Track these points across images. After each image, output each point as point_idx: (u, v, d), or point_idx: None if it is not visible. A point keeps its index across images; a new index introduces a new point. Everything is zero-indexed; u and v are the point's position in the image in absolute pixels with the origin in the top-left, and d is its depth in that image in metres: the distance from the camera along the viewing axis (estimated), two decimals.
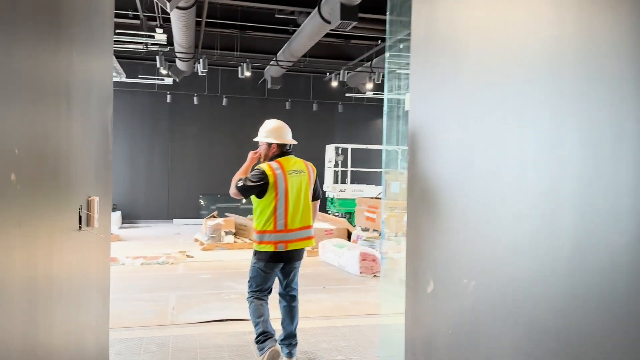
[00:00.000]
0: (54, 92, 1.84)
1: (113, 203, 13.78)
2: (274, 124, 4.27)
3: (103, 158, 2.63)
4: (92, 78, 2.38)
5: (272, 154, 4.17)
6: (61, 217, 1.94)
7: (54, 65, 1.84)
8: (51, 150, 1.81)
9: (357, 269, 7.71)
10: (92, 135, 2.39)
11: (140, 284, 7.08)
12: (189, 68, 11.45)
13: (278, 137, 4.18)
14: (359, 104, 14.93)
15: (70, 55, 2.01)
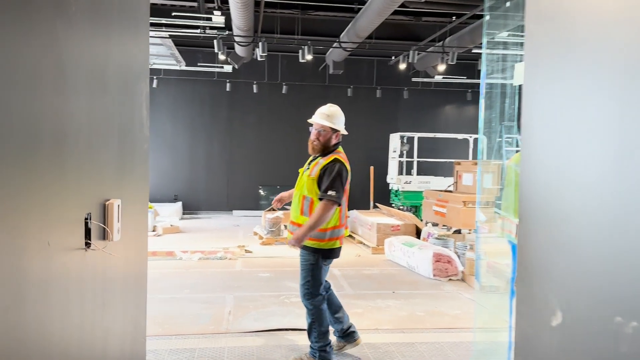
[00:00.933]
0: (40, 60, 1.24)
1: (174, 193, 13.64)
2: (340, 111, 4.00)
3: (131, 147, 2.05)
4: (107, 48, 1.78)
5: (333, 143, 3.90)
6: (56, 231, 1.36)
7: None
8: (44, 134, 1.23)
9: (430, 271, 6.94)
10: (112, 117, 1.80)
11: (197, 282, 6.65)
12: (248, 54, 10.97)
13: (343, 128, 3.96)
14: (426, 90, 13.99)
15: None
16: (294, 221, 3.88)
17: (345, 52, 10.17)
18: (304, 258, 3.85)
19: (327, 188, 3.60)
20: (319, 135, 3.84)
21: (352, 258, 8.45)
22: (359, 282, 6.76)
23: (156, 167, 13.71)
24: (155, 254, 8.22)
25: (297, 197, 3.85)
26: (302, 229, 3.65)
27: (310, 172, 3.76)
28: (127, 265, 2.01)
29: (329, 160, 3.74)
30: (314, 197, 3.69)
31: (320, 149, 3.84)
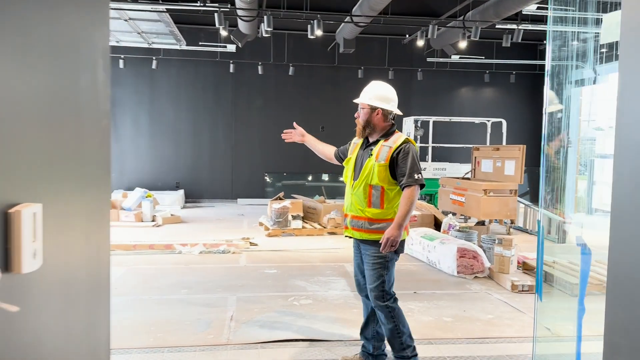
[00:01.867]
0: None
1: (175, 181, 13.00)
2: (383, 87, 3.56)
3: (73, 125, 1.37)
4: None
5: (388, 127, 3.45)
6: None
7: None
8: None
9: (454, 267, 6.27)
10: (29, 81, 1.11)
11: (196, 280, 6.02)
12: (252, 31, 10.23)
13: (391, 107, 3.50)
14: (442, 71, 13.21)
15: None
16: (361, 215, 3.37)
17: (357, 28, 9.41)
18: (374, 255, 3.35)
19: (410, 172, 3.24)
20: (360, 115, 3.45)
21: None
22: None
23: (157, 153, 13.06)
24: (152, 247, 7.61)
25: (360, 187, 3.37)
26: (395, 225, 3.21)
27: (377, 158, 3.31)
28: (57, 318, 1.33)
29: (400, 141, 3.33)
30: (385, 185, 3.29)
31: (361, 128, 3.45)
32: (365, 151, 3.43)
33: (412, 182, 3.21)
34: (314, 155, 4.13)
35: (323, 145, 4.02)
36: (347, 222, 3.48)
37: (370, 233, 3.34)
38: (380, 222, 3.30)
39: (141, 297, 5.34)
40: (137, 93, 12.91)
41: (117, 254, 7.25)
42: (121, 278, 6.04)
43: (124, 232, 8.98)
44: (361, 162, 3.42)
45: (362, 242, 3.43)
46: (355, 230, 3.41)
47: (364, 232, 3.36)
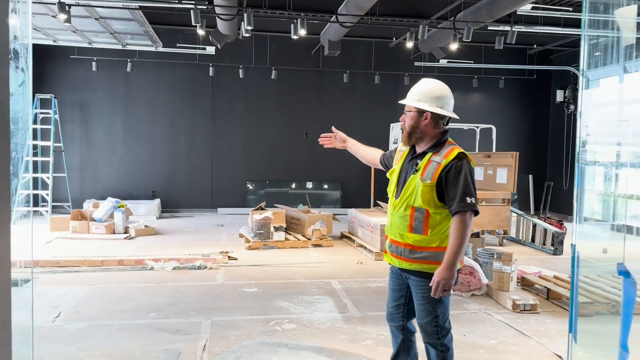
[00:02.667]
0: None
1: (152, 190, 12.37)
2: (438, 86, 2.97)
3: None
4: None
5: (439, 135, 2.89)
6: None
7: None
8: None
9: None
10: None
11: (167, 300, 5.43)
12: (232, 31, 9.69)
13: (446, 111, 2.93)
14: (429, 75, 12.74)
15: None
16: (400, 240, 2.92)
17: (342, 29, 8.94)
18: (422, 288, 2.87)
19: (462, 195, 2.71)
20: (406, 119, 2.92)
21: (353, 266, 7.29)
22: (365, 300, 5.59)
23: (132, 160, 12.42)
24: (122, 263, 7.00)
25: (401, 208, 2.89)
26: (446, 266, 2.70)
27: (423, 176, 2.80)
28: None
29: (452, 156, 2.77)
30: (431, 209, 2.80)
31: (406, 135, 2.92)
32: (411, 164, 2.90)
33: (464, 207, 2.69)
34: (298, 162, 3.63)
35: (367, 149, 3.44)
36: (387, 246, 3.02)
37: (411, 262, 2.85)
38: (423, 251, 2.82)
39: (104, 322, 4.75)
40: (111, 97, 12.26)
41: (83, 271, 6.63)
42: (84, 299, 5.44)
43: (93, 246, 8.35)
44: (404, 177, 2.91)
45: (403, 271, 2.95)
46: (395, 257, 2.94)
47: (404, 261, 2.88)
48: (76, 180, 12.03)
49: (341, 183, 13.14)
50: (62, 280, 6.19)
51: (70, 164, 11.82)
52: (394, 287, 3.09)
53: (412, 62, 12.55)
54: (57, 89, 11.76)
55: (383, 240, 7.65)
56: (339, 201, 13.16)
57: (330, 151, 12.91)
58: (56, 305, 5.21)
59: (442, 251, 2.79)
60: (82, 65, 11.76)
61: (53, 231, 9.47)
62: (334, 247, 8.64)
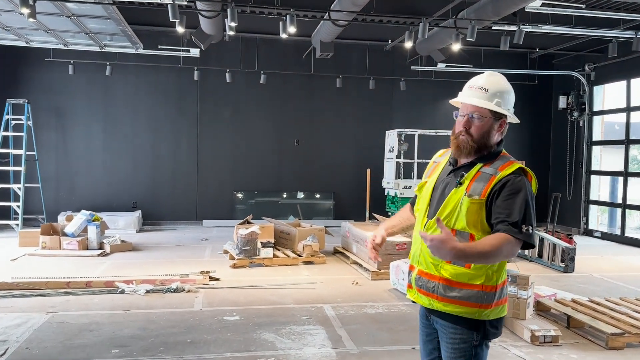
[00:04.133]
0: None
1: (132, 201, 11.63)
2: (508, 85, 2.31)
3: None
4: None
5: (495, 146, 2.25)
6: None
7: None
8: None
9: None
10: None
11: (134, 332, 4.72)
12: (216, 31, 9.03)
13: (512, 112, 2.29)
14: (426, 80, 12.19)
15: None
16: (433, 273, 2.19)
17: (336, 28, 8.30)
18: (454, 339, 2.18)
19: (517, 219, 2.05)
20: (471, 125, 2.20)
21: (347, 286, 6.60)
22: (363, 330, 4.90)
23: (111, 169, 11.68)
24: (89, 285, 6.27)
25: (436, 232, 2.12)
26: (463, 247, 1.95)
27: (469, 189, 2.13)
28: None
29: (510, 169, 2.14)
30: (477, 233, 2.11)
31: (472, 148, 2.20)
32: (452, 176, 2.24)
33: (515, 234, 2.02)
34: (288, 171, 3.00)
35: (398, 217, 2.63)
36: (412, 280, 2.28)
37: (446, 303, 2.15)
38: (462, 288, 2.13)
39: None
40: (89, 103, 11.54)
41: (45, 294, 5.90)
42: (39, 331, 4.71)
43: (63, 263, 7.62)
44: (442, 192, 2.23)
45: (432, 313, 2.26)
46: (424, 295, 2.23)
47: (436, 300, 2.17)
48: (51, 191, 11.27)
49: (334, 193, 12.47)
50: (19, 307, 5.45)
51: (44, 174, 11.05)
52: (426, 339, 2.39)
53: (408, 66, 11.94)
54: (30, 93, 11.02)
55: (381, 257, 6.96)
56: (332, 212, 12.48)
57: (322, 159, 12.21)
58: (4, 340, 4.48)
59: (489, 292, 2.12)
60: (58, 69, 11.03)
61: (22, 247, 8.72)
62: (327, 264, 7.96)
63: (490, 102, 2.19)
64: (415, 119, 12.27)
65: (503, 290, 2.20)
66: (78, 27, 8.69)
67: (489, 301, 2.13)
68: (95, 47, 10.18)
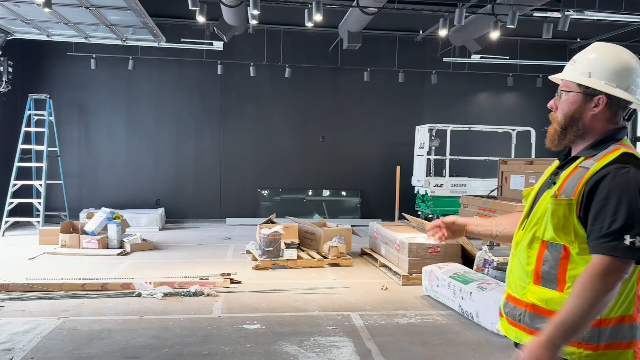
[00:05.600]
0: None
1: (155, 198, 11.41)
2: (627, 57, 1.75)
3: None
4: None
5: (607, 132, 1.72)
6: None
7: None
8: None
9: None
10: None
11: (147, 341, 4.38)
12: (239, 22, 8.68)
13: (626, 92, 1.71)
14: (459, 73, 11.63)
15: None
16: (519, 297, 1.75)
17: (364, 16, 7.84)
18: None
19: (616, 226, 1.53)
20: (578, 108, 1.73)
21: (376, 291, 6.16)
22: (394, 343, 4.46)
23: (134, 166, 11.47)
24: (105, 287, 5.98)
25: (523, 243, 1.76)
26: (556, 329, 1.53)
27: (560, 189, 1.66)
28: None
29: (609, 158, 1.63)
30: (572, 245, 1.64)
31: (556, 134, 1.76)
32: (552, 177, 1.79)
33: (612, 250, 1.52)
34: (314, 168, 2.58)
35: (497, 220, 2.13)
36: (501, 305, 1.85)
37: (532, 334, 1.67)
38: (602, 326, 1.62)
39: None
40: (111, 97, 11.34)
41: (58, 297, 5.63)
42: (48, 339, 4.41)
43: (81, 263, 7.38)
44: (538, 197, 1.79)
45: (520, 348, 1.77)
46: (510, 324, 1.77)
47: (523, 332, 1.71)
48: (74, 188, 11.11)
49: (361, 191, 12.02)
50: (31, 310, 5.18)
51: (67, 170, 10.90)
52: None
53: (440, 58, 11.40)
54: (52, 88, 10.87)
55: (412, 261, 6.52)
56: (358, 210, 12.03)
57: (348, 156, 11.76)
58: (10, 348, 4.19)
59: (597, 326, 1.62)
60: (80, 63, 10.85)
61: (42, 244, 8.54)
62: (354, 266, 7.53)
63: (576, 74, 1.72)
64: (447, 113, 11.73)
65: (625, 328, 1.60)
66: (98, 19, 8.45)
67: (596, 340, 1.59)
68: (117, 40, 9.96)
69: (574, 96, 1.72)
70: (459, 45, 10.12)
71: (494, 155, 10.39)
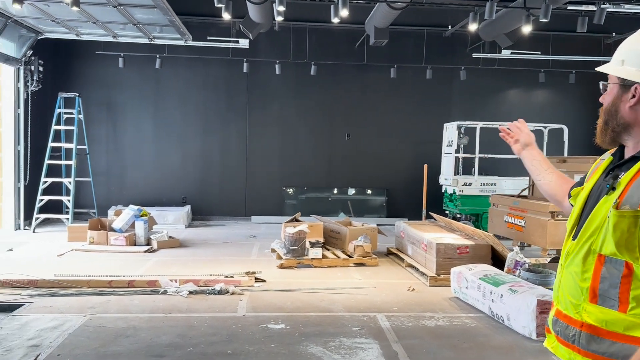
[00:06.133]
0: None
1: (182, 196, 11.48)
2: None
3: None
4: None
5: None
6: None
7: None
8: None
9: (533, 328, 4.46)
10: None
11: (172, 340, 4.36)
12: (265, 19, 8.63)
13: None
14: (489, 69, 11.37)
15: None
16: (573, 315, 1.58)
17: (392, 11, 7.71)
18: None
19: None
20: (615, 100, 1.60)
21: (402, 292, 6.03)
22: (422, 346, 4.34)
23: (161, 163, 11.57)
24: (132, 284, 6.00)
25: (577, 257, 1.57)
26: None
27: (623, 197, 1.47)
28: None
29: None
30: (635, 262, 1.44)
31: (603, 132, 1.64)
32: (608, 179, 1.61)
33: None
34: (339, 166, 2.50)
35: (553, 173, 2.03)
36: (549, 321, 1.69)
37: (589, 357, 1.52)
38: (616, 341, 1.47)
39: None
40: (139, 96, 11.45)
41: (85, 294, 5.67)
42: (74, 336, 4.42)
43: (108, 259, 7.45)
44: (595, 202, 1.60)
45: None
46: (562, 344, 1.61)
47: (577, 353, 1.55)
48: (102, 185, 11.26)
49: (387, 189, 11.87)
50: (58, 306, 5.23)
51: (95, 168, 11.05)
52: None
53: (469, 53, 11.17)
54: (81, 87, 11.02)
55: (439, 261, 6.37)
56: (384, 209, 11.88)
57: (374, 154, 11.60)
58: (37, 344, 4.22)
59: None
60: (109, 62, 10.96)
61: (71, 241, 8.64)
62: (380, 266, 7.41)
63: (612, 65, 1.58)
64: (476, 110, 11.48)
65: None
66: (126, 17, 8.51)
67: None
68: (144, 39, 10.03)
69: (612, 87, 1.59)
70: (489, 40, 9.88)
71: None
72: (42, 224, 10.22)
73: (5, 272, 6.13)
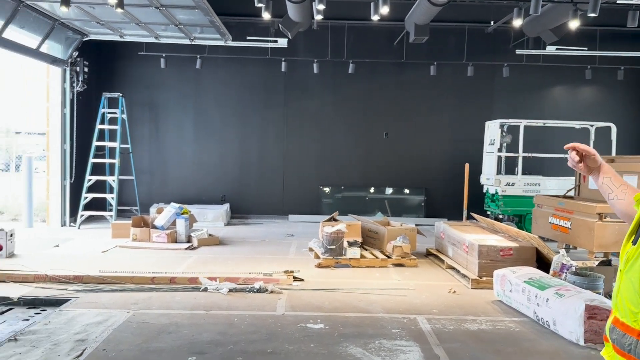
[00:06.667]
0: None
1: (221, 194, 11.62)
2: None
3: None
4: None
5: None
6: None
7: None
8: None
9: (580, 334, 4.29)
10: None
11: (213, 337, 4.40)
12: (304, 18, 8.63)
13: None
14: (532, 65, 11.05)
15: None
16: (631, 324, 1.53)
17: (433, 8, 7.57)
18: None
19: None
20: None
21: (443, 294, 5.92)
22: (464, 350, 4.23)
23: (201, 162, 11.74)
24: (174, 281, 6.09)
25: (637, 263, 1.52)
26: None
27: None
28: None
29: None
30: None
31: None
32: None
33: None
34: (377, 165, 2.46)
35: (626, 190, 1.86)
36: (607, 329, 1.64)
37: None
38: None
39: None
40: (180, 96, 11.65)
41: (128, 290, 5.79)
42: (118, 331, 4.52)
43: (151, 256, 7.60)
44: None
45: None
46: (618, 353, 1.56)
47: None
48: (144, 183, 11.52)
49: (425, 189, 11.70)
50: (103, 302, 5.36)
51: (138, 166, 11.31)
52: None
53: (512, 50, 10.88)
54: (125, 87, 11.29)
55: (482, 263, 6.21)
56: (423, 209, 11.72)
57: (413, 153, 11.43)
58: (83, 339, 4.33)
59: None
60: (151, 63, 11.19)
61: (114, 238, 8.86)
62: (419, 267, 7.30)
63: None
64: (519, 108, 11.19)
65: None
66: (168, 18, 8.66)
67: None
68: (185, 39, 10.18)
69: None
70: (534, 36, 9.59)
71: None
72: (87, 221, 10.52)
73: (52, 267, 6.32)
